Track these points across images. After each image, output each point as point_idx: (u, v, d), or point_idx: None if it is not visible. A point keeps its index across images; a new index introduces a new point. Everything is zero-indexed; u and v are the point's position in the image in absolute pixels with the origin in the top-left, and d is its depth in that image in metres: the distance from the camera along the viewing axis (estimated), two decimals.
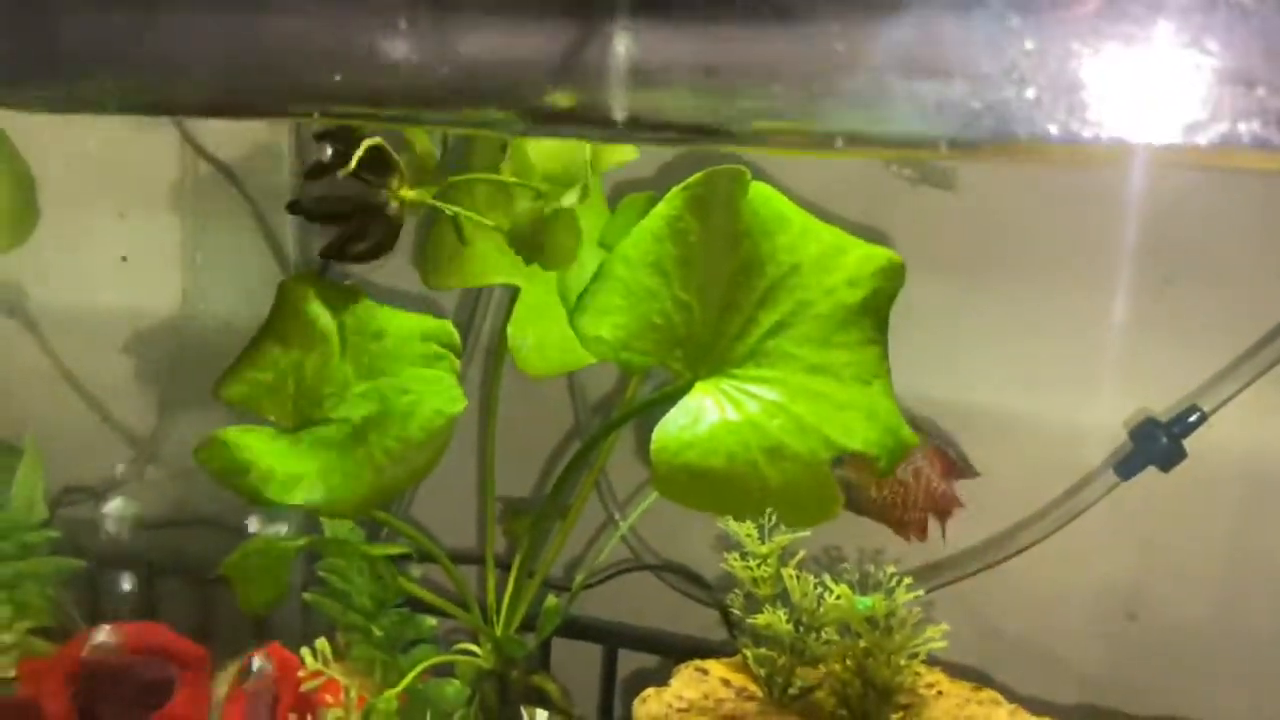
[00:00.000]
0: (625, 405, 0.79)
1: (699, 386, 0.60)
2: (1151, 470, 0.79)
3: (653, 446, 0.58)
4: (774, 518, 0.70)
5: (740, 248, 0.60)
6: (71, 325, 1.01)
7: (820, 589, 0.68)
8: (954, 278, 0.81)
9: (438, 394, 0.61)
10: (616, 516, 0.91)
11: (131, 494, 1.04)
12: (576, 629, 0.91)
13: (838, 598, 0.67)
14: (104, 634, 0.86)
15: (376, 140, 0.62)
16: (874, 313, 0.61)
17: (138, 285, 1.00)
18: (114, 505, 0.99)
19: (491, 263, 0.77)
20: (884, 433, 0.60)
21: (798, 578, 0.68)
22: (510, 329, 0.74)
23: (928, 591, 0.71)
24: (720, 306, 0.61)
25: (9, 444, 0.90)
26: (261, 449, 0.61)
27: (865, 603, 0.67)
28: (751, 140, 0.56)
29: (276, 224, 0.95)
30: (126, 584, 0.96)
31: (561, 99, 0.48)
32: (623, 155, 0.76)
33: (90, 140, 0.93)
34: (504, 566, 0.81)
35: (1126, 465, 0.80)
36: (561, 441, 0.94)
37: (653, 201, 0.78)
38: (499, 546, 0.88)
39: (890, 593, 0.68)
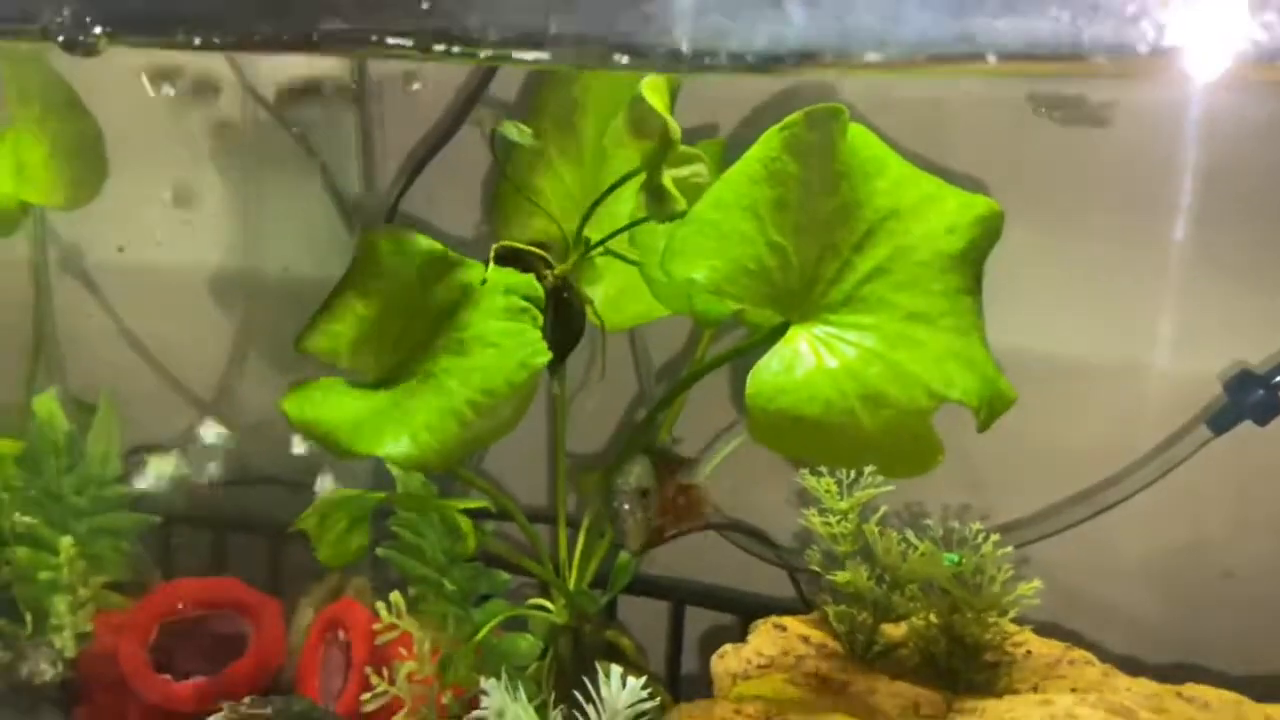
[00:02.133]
0: (697, 362, 0.77)
1: (793, 332, 0.59)
2: (1247, 424, 0.76)
3: (748, 391, 0.56)
4: (854, 473, 0.68)
5: (838, 190, 0.59)
6: (133, 281, 1.01)
7: (904, 545, 0.66)
8: (1048, 222, 0.78)
9: (521, 347, 0.60)
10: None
11: (196, 452, 1.04)
12: (644, 585, 0.90)
13: (922, 554, 0.65)
14: None
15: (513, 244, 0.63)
16: (972, 261, 0.60)
17: (199, 239, 1.00)
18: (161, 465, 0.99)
19: (562, 214, 0.76)
20: (983, 383, 0.58)
21: (881, 533, 0.66)
22: (581, 282, 0.73)
23: (1016, 548, 0.68)
24: (816, 250, 0.59)
25: (83, 401, 0.90)
26: (345, 401, 0.61)
27: (952, 558, 0.66)
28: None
29: (339, 174, 0.93)
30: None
31: None
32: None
33: (151, 92, 0.92)
34: (574, 525, 0.80)
35: (1220, 419, 0.77)
36: (630, 400, 0.93)
37: (723, 149, 0.77)
38: (570, 504, 0.87)
39: (977, 549, 0.66)
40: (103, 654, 0.85)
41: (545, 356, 0.59)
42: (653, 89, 0.60)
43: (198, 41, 0.52)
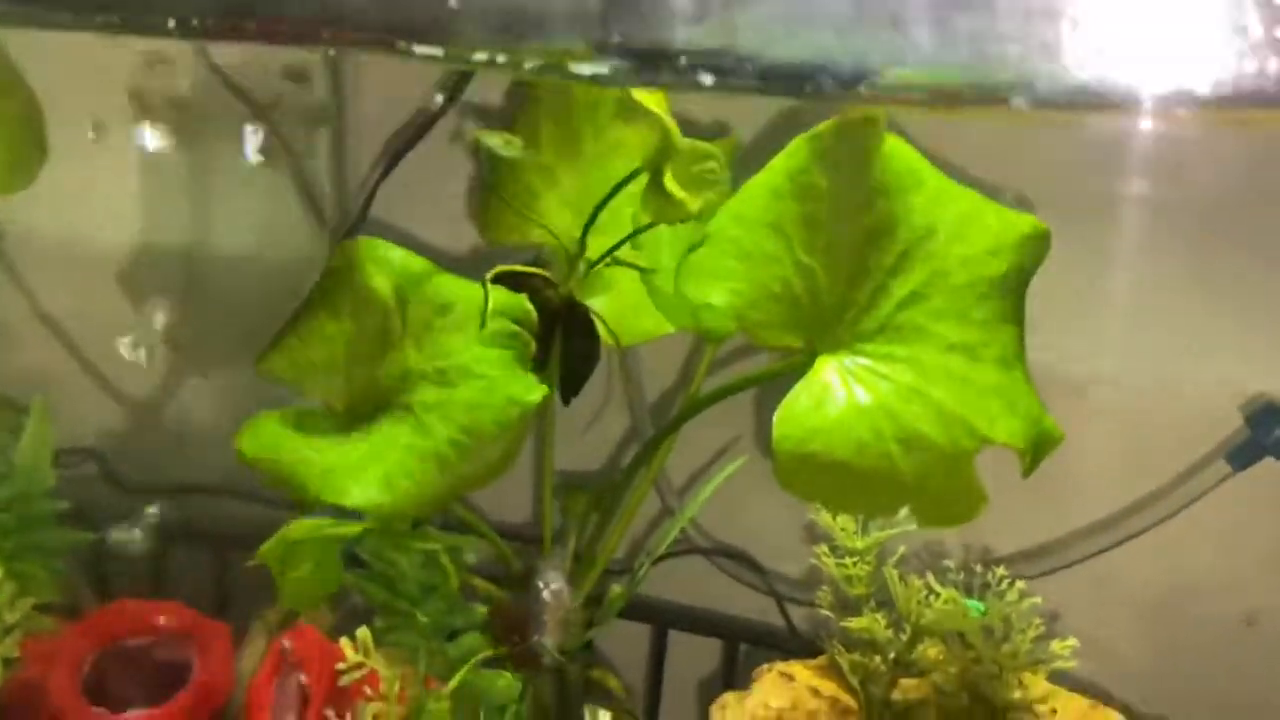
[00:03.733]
0: (694, 396, 0.72)
1: (821, 362, 0.53)
2: (1269, 461, 0.72)
3: (775, 433, 0.51)
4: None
5: (872, 207, 0.53)
6: (64, 268, 0.93)
7: (926, 593, 0.61)
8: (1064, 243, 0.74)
9: (511, 380, 0.53)
10: (674, 505, 0.84)
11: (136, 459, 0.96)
12: (625, 608, 0.84)
13: (945, 602, 0.60)
14: None
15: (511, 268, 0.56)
16: (1015, 286, 0.55)
17: (141, 222, 0.92)
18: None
19: (554, 217, 0.69)
20: (1028, 423, 0.53)
21: (903, 580, 0.61)
22: (579, 293, 0.67)
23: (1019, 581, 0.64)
24: (847, 273, 0.53)
25: (9, 398, 0.82)
26: (310, 438, 0.53)
27: (978, 607, 0.61)
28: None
29: (305, 156, 0.86)
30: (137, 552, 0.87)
31: None
32: None
33: (93, 58, 0.83)
34: (562, 543, 0.74)
35: (1241, 454, 0.73)
36: (621, 413, 0.87)
37: (734, 147, 0.71)
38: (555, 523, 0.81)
39: (1001, 595, 0.61)
40: (31, 684, 0.78)
41: (538, 392, 0.53)
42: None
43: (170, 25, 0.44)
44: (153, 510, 0.85)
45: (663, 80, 0.50)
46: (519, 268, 0.58)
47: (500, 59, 0.40)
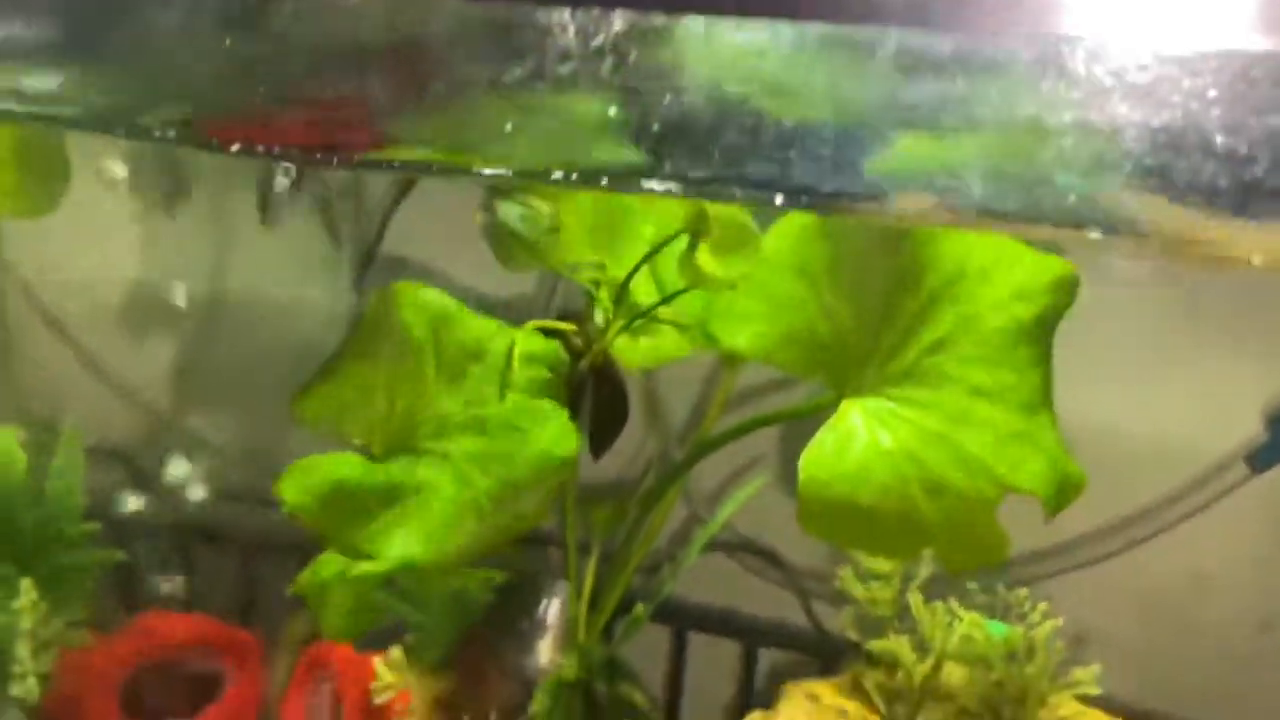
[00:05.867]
0: (715, 410, 0.72)
1: (846, 406, 0.53)
2: None
3: (801, 477, 0.51)
4: None
5: (900, 251, 0.53)
6: (90, 298, 0.93)
7: (950, 618, 0.62)
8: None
9: (547, 431, 0.54)
10: (701, 513, 0.85)
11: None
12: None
13: (968, 627, 0.61)
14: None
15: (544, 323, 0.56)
16: (1044, 331, 0.55)
17: (162, 249, 0.92)
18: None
19: (574, 243, 0.69)
20: (1052, 469, 0.53)
21: (927, 605, 0.62)
22: (597, 318, 0.67)
23: (1032, 582, 0.65)
24: (874, 317, 0.53)
25: (43, 420, 0.82)
26: (351, 486, 0.54)
27: (1002, 631, 0.61)
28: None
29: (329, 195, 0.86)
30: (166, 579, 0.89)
31: None
32: None
33: None
34: (583, 550, 0.75)
35: (1261, 457, 0.73)
36: (643, 427, 0.87)
37: None
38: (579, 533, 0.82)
39: (1023, 618, 0.62)
40: (68, 699, 0.80)
41: (574, 443, 0.53)
42: None
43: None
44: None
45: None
46: (552, 323, 0.58)
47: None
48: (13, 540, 0.78)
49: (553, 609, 0.66)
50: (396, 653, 0.73)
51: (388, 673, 0.72)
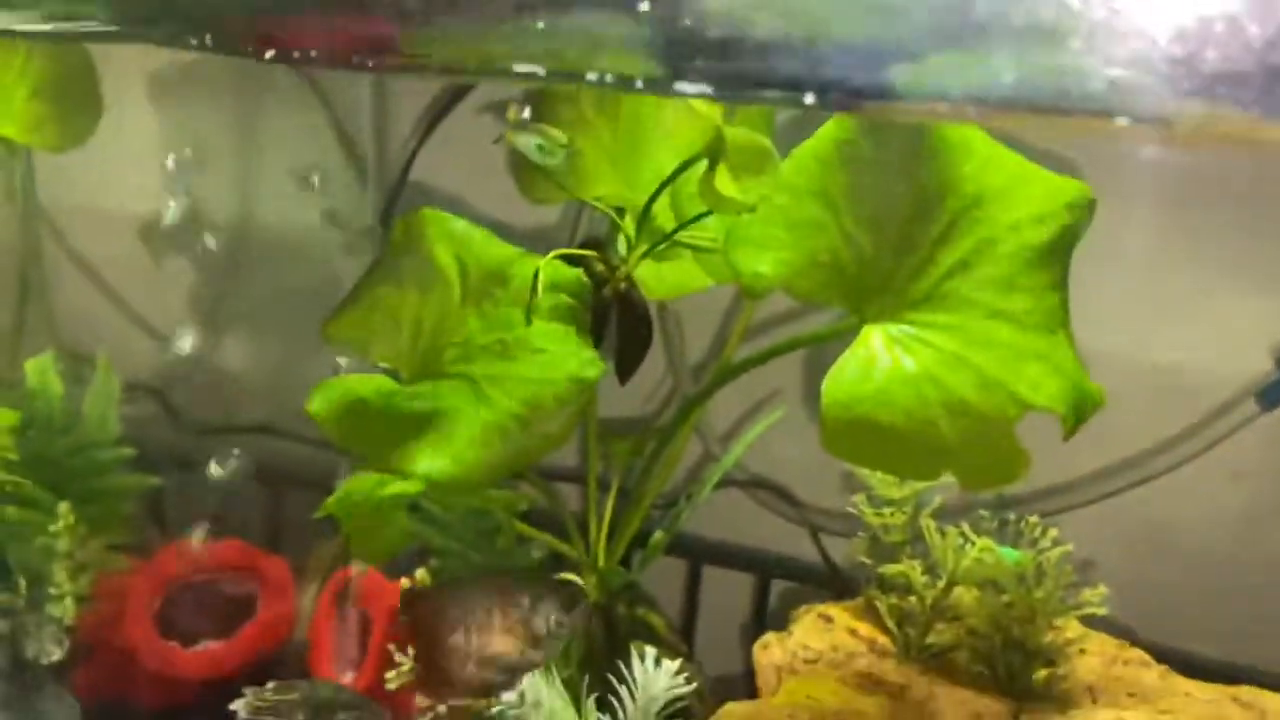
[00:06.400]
0: (736, 336, 0.73)
1: (868, 331, 0.54)
2: None
3: (824, 400, 0.52)
4: None
5: (919, 176, 0.54)
6: (120, 228, 0.94)
7: (962, 541, 0.63)
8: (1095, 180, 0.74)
9: (571, 355, 0.55)
10: (716, 450, 0.86)
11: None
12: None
13: (980, 551, 0.63)
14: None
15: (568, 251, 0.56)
16: (1060, 253, 0.56)
17: (195, 182, 0.93)
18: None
19: (595, 173, 0.70)
20: (1071, 388, 0.54)
21: (941, 531, 0.63)
22: (620, 245, 0.68)
23: (1043, 517, 0.66)
24: (894, 242, 0.54)
25: (75, 352, 0.84)
26: (379, 406, 0.55)
27: (1013, 556, 0.63)
28: None
29: (345, 114, 0.86)
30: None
31: None
32: None
33: None
34: (603, 486, 0.77)
35: (1270, 394, 0.74)
36: (663, 363, 0.88)
37: (772, 113, 0.71)
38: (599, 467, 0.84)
39: (1034, 544, 0.64)
40: (106, 620, 0.82)
41: (598, 369, 0.54)
42: None
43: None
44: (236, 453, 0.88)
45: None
46: (576, 250, 0.59)
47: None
48: (50, 465, 0.80)
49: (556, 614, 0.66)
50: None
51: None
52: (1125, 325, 0.76)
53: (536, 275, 0.57)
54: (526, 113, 0.59)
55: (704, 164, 0.56)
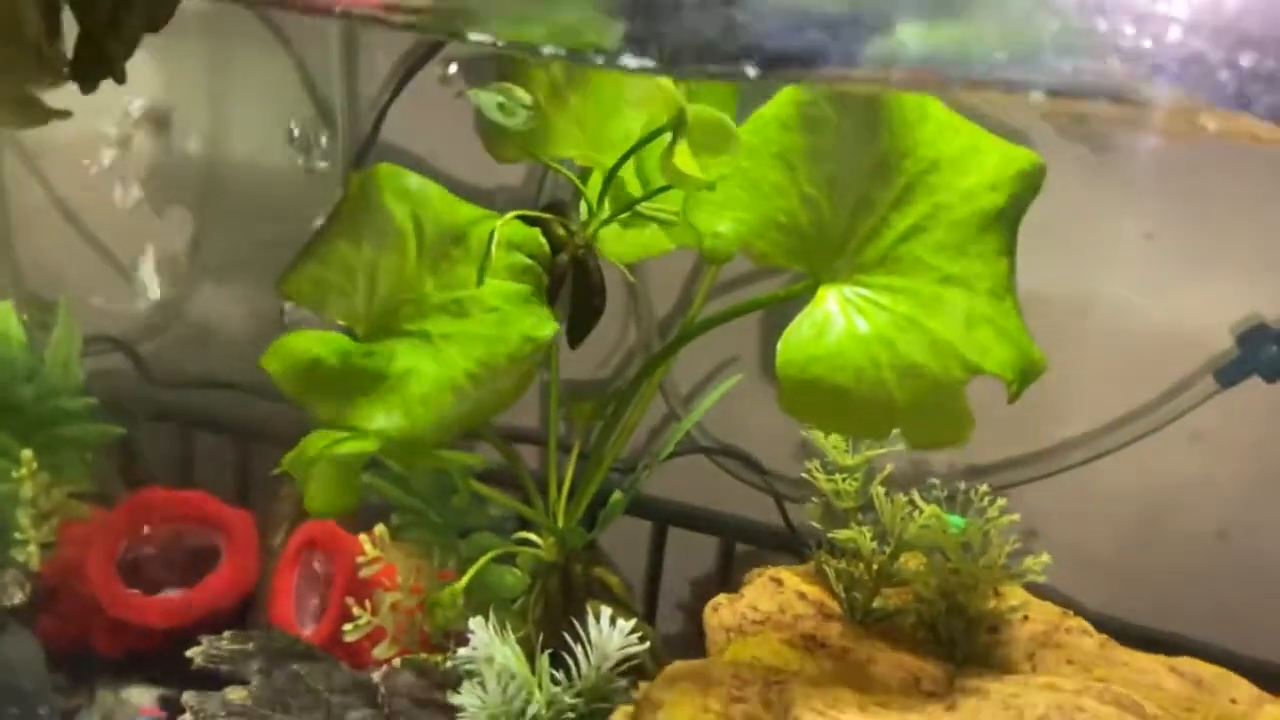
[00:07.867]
0: (701, 298, 0.73)
1: (823, 291, 0.55)
2: (1255, 380, 0.74)
3: (779, 359, 0.53)
4: None
5: (878, 141, 0.54)
6: (83, 170, 0.94)
7: (910, 508, 0.64)
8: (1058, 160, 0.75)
9: (526, 315, 0.55)
10: (679, 411, 0.87)
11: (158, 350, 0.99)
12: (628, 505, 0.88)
13: (927, 518, 0.64)
14: None
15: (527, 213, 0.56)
16: (1010, 220, 0.56)
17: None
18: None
19: (563, 135, 0.70)
20: (1017, 353, 0.55)
21: (889, 497, 0.64)
22: (581, 211, 0.68)
23: (996, 490, 0.67)
24: (851, 205, 0.55)
25: (39, 298, 0.84)
26: (334, 362, 0.55)
27: (958, 523, 0.64)
28: None
29: (318, 74, 0.86)
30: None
31: None
32: None
33: None
34: (565, 449, 0.77)
35: (1229, 372, 0.75)
36: (625, 323, 0.89)
37: (736, 90, 0.71)
38: (561, 430, 0.84)
39: (981, 513, 0.64)
40: (69, 567, 0.83)
41: (552, 328, 0.55)
42: None
43: None
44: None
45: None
46: (535, 213, 0.59)
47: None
48: (13, 412, 0.80)
49: None
50: (381, 529, 0.76)
51: (373, 549, 0.75)
52: (1090, 305, 0.77)
53: (492, 235, 0.57)
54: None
55: (668, 136, 0.56)
